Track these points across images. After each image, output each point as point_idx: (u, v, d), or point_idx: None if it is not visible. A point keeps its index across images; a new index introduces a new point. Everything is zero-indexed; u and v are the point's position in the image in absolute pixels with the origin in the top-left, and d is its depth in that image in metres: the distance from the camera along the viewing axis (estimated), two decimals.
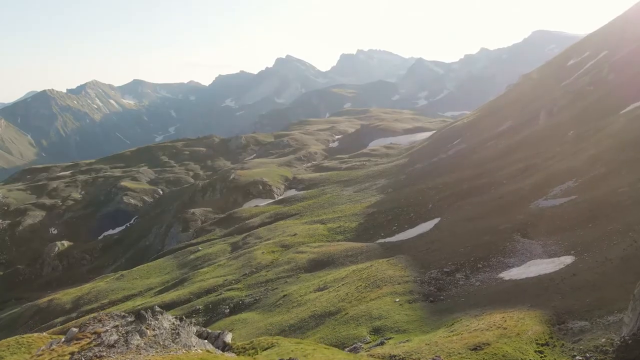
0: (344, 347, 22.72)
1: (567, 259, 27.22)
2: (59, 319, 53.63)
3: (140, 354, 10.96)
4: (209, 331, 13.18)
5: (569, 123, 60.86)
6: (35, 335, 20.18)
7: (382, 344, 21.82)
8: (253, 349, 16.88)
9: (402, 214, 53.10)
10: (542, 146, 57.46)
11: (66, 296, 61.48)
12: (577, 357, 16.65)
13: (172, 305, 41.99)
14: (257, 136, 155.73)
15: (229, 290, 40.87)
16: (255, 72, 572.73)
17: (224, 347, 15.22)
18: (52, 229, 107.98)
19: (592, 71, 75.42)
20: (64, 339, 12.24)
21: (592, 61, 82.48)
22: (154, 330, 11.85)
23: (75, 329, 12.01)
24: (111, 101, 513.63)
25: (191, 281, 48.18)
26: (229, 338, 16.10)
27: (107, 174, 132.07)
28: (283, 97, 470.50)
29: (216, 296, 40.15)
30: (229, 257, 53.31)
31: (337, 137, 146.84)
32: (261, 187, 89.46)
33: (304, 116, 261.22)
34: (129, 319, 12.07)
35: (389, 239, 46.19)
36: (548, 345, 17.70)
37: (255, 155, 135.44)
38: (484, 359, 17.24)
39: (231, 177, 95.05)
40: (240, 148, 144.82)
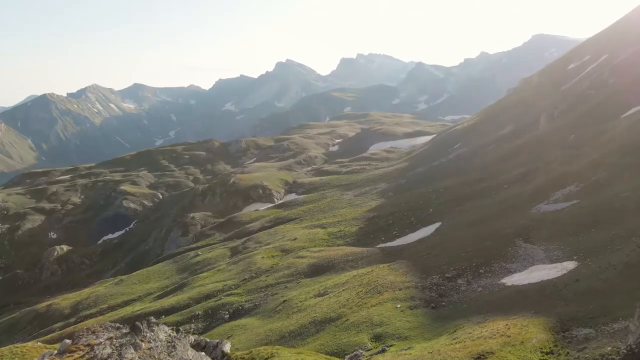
0: (345, 355, 22.42)
1: (570, 265, 26.94)
2: (58, 324, 53.29)
3: None
4: (207, 340, 12.89)
5: (570, 127, 60.64)
6: (30, 344, 19.87)
7: (383, 351, 21.50)
8: (252, 359, 16.58)
9: (403, 218, 52.81)
10: (543, 150, 57.23)
11: (65, 301, 61.09)
12: None
13: (172, 310, 41.66)
14: (257, 140, 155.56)
15: (228, 295, 40.54)
16: (256, 76, 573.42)
17: (222, 358, 14.91)
18: (52, 233, 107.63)
19: (593, 75, 75.24)
20: (56, 351, 11.95)
21: (592, 65, 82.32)
22: (149, 342, 11.57)
23: (69, 341, 11.73)
24: (111, 105, 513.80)
25: (190, 286, 47.84)
26: (227, 347, 15.80)
27: (107, 178, 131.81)
28: (283, 101, 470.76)
29: (216, 301, 39.82)
30: (228, 261, 52.99)
31: (337, 141, 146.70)
32: (261, 191, 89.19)
33: (304, 120, 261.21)
34: (124, 331, 11.79)
35: (389, 244, 45.88)
36: (553, 354, 17.38)
37: (255, 159, 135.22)
38: None
39: (231, 181, 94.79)
40: (240, 152, 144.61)
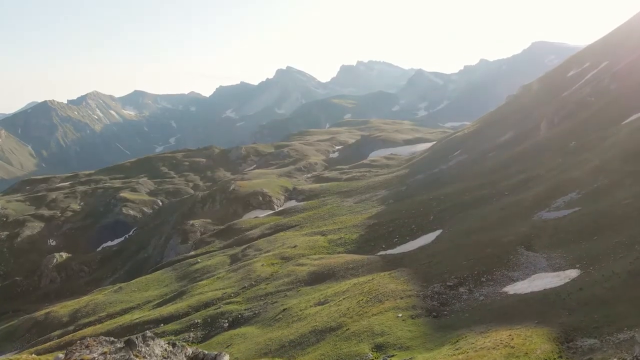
0: None
1: (573, 273, 26.66)
2: (56, 332, 52.91)
3: None
4: (205, 352, 12.65)
5: (570, 134, 60.53)
6: (24, 357, 19.57)
7: None
8: None
9: (403, 225, 52.54)
10: (544, 157, 57.08)
11: (64, 309, 60.71)
12: None
13: (170, 319, 41.32)
14: (257, 147, 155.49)
15: (228, 303, 40.21)
16: (256, 82, 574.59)
17: None
18: (51, 240, 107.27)
19: (593, 82, 75.24)
20: None
21: (592, 72, 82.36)
22: (144, 357, 11.32)
23: (61, 355, 11.49)
24: (112, 112, 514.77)
25: (190, 294, 47.51)
26: None
27: (107, 185, 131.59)
28: (283, 108, 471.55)
29: (215, 310, 39.48)
30: (228, 269, 52.66)
31: (337, 147, 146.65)
32: (261, 198, 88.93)
33: (305, 127, 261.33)
34: (118, 345, 11.55)
35: (390, 251, 45.59)
36: None
37: (255, 165, 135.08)
38: None
39: (231, 188, 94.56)
40: (240, 159, 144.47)
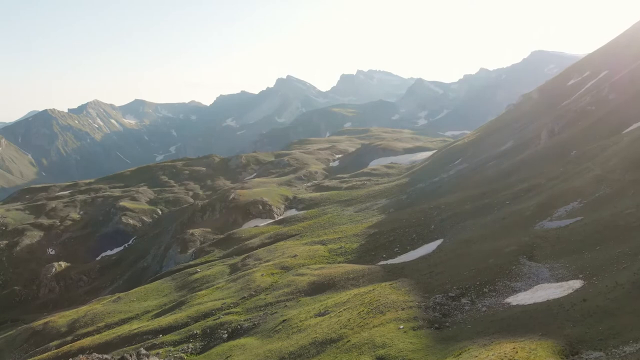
0: None
1: (576, 284, 26.36)
2: (55, 343, 52.43)
3: None
4: None
5: (571, 143, 60.45)
6: None
7: None
8: None
9: (404, 234, 52.28)
10: (544, 166, 56.94)
11: (62, 319, 60.21)
12: None
13: (169, 329, 40.93)
14: (257, 155, 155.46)
15: (227, 314, 39.83)
16: (257, 92, 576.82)
17: None
18: (50, 249, 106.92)
19: (593, 91, 75.29)
20: None
21: (592, 81, 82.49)
22: None
23: None
24: (112, 121, 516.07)
25: (189, 304, 47.14)
26: None
27: (106, 193, 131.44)
28: (284, 117, 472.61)
29: (214, 320, 39.09)
30: (227, 279, 52.31)
31: (337, 156, 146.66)
32: (261, 207, 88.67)
33: (305, 135, 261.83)
34: None
35: (391, 261, 45.29)
36: None
37: (255, 174, 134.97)
38: None
39: (231, 196, 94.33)
40: (240, 167, 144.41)
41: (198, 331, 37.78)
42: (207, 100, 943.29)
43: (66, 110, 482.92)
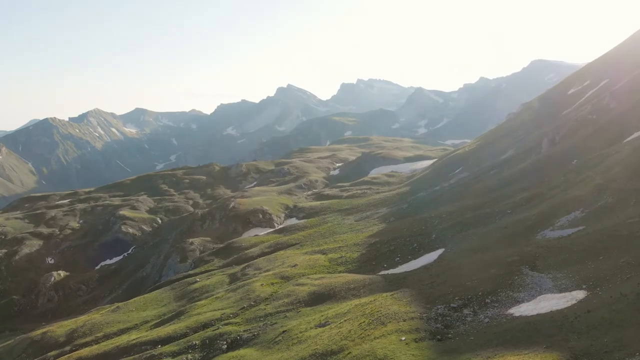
0: None
1: (580, 294, 26.02)
2: (53, 353, 51.93)
3: None
4: None
5: (572, 151, 60.28)
6: None
7: None
8: None
9: (405, 244, 51.97)
10: (545, 175, 56.72)
11: (60, 329, 59.73)
12: None
13: (168, 340, 40.51)
14: (257, 164, 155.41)
15: (226, 324, 39.41)
16: (257, 100, 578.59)
17: None
18: (49, 258, 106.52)
19: (594, 100, 75.24)
20: None
21: (593, 90, 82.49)
22: None
23: None
24: (113, 129, 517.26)
25: (188, 314, 46.72)
26: None
27: (106, 202, 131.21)
28: (284, 125, 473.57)
29: (213, 331, 38.68)
30: (227, 289, 51.91)
31: (338, 165, 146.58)
32: (261, 216, 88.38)
33: (305, 144, 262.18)
34: None
35: (392, 271, 44.93)
36: None
37: (255, 183, 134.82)
38: None
39: (231, 205, 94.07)
40: (240, 176, 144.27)
41: (197, 342, 37.36)
42: (208, 109, 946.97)
43: (67, 119, 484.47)
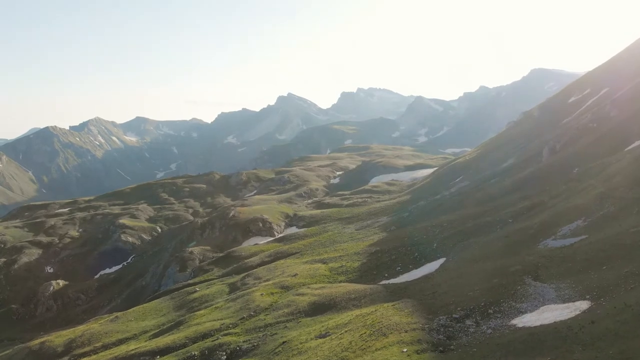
0: None
1: (583, 305, 25.67)
2: None
3: None
4: None
5: (573, 160, 60.09)
6: None
7: None
8: None
9: (406, 253, 51.63)
10: (547, 183, 56.48)
11: (59, 338, 59.25)
12: None
13: (167, 350, 40.09)
14: (257, 172, 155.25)
15: (226, 334, 39.01)
16: (258, 109, 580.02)
17: None
18: (48, 267, 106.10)
19: (594, 108, 75.16)
20: None
21: (593, 98, 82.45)
22: None
23: None
24: (113, 138, 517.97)
25: (187, 324, 46.29)
26: None
27: (106, 211, 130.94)
28: (284, 134, 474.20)
29: (212, 341, 38.26)
30: (226, 298, 51.50)
31: (338, 173, 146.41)
32: (261, 225, 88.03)
33: (305, 152, 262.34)
34: None
35: (393, 280, 44.57)
36: None
37: (255, 191, 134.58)
38: None
39: (231, 214, 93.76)
40: (240, 184, 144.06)
41: (196, 352, 36.95)
42: (209, 118, 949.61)
43: (67, 128, 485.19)
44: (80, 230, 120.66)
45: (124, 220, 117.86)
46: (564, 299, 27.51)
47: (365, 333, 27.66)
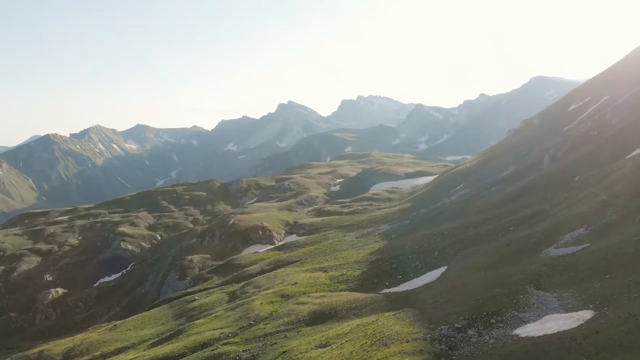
0: None
1: (587, 314, 25.37)
2: None
3: None
4: None
5: (574, 168, 59.95)
6: None
7: None
8: None
9: (407, 261, 51.31)
10: (548, 191, 56.26)
11: (57, 347, 58.81)
12: None
13: None
14: (258, 180, 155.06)
15: (225, 344, 38.63)
16: (258, 117, 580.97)
17: None
18: (47, 275, 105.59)
19: (595, 116, 75.14)
20: None
21: (594, 106, 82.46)
22: None
23: None
24: (114, 145, 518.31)
25: (186, 333, 45.92)
26: None
27: (106, 219, 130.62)
28: (285, 141, 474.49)
29: (212, 351, 37.88)
30: (226, 307, 51.13)
31: (338, 180, 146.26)
32: (261, 233, 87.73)
33: (306, 160, 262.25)
34: None
35: (394, 289, 44.23)
36: None
37: (255, 199, 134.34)
38: None
39: (231, 222, 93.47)
40: (240, 192, 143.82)
41: None
42: (209, 125, 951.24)
43: (68, 135, 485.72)
44: (80, 238, 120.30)
45: (124, 228, 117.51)
46: (567, 308, 27.21)
47: (366, 343, 27.34)
